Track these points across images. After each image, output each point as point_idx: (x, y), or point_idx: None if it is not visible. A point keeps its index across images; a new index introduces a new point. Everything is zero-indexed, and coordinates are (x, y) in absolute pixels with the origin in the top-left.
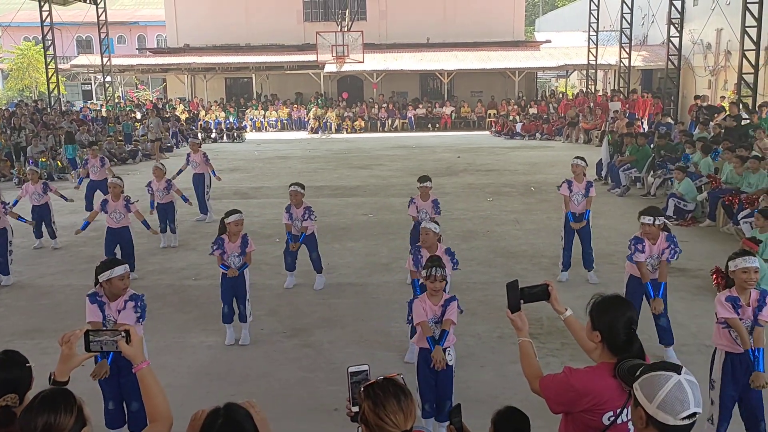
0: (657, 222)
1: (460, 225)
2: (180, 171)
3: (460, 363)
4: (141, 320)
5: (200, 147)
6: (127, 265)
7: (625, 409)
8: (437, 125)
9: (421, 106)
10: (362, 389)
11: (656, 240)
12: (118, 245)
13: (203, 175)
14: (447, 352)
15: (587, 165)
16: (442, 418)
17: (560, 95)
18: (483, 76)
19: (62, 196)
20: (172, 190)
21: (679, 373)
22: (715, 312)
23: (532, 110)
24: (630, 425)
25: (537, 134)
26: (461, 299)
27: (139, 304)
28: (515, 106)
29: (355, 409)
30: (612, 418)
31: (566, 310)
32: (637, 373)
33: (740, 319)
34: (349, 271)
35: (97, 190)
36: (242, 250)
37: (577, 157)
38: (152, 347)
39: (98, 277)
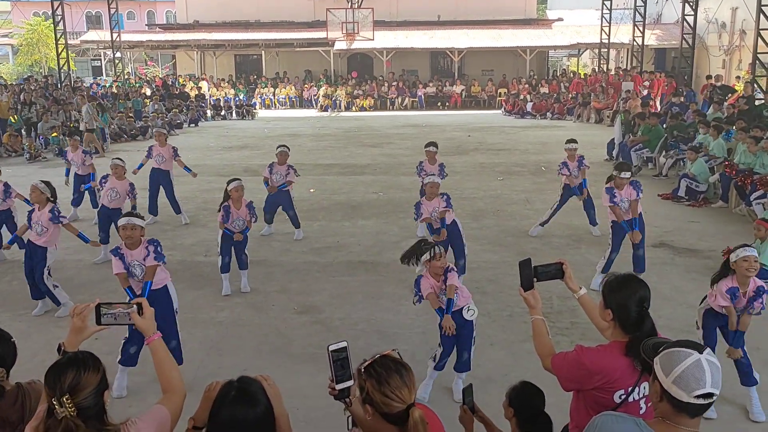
0: (623, 174)
1: (471, 204)
2: (140, 166)
3: None
4: (162, 260)
5: (167, 138)
6: (142, 218)
7: (637, 388)
8: (447, 104)
9: (431, 84)
10: (363, 370)
11: (623, 188)
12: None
13: (169, 172)
14: (468, 308)
15: (578, 146)
16: (460, 369)
17: (572, 74)
18: (494, 54)
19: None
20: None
21: (701, 353)
22: (714, 294)
23: (543, 89)
24: (642, 403)
25: (548, 113)
26: (471, 278)
27: (157, 248)
28: (526, 85)
29: (339, 386)
30: (623, 396)
31: (580, 288)
32: (660, 348)
33: (735, 307)
34: (359, 249)
35: (82, 186)
36: (246, 216)
37: (568, 141)
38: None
39: (117, 223)
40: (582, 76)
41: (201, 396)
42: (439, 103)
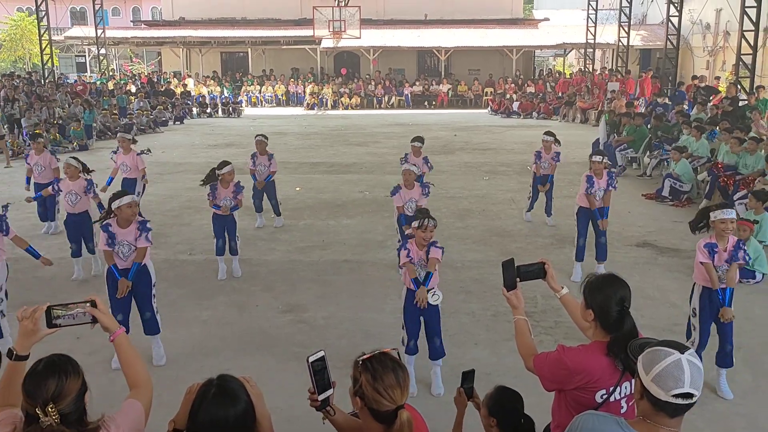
0: (605, 160)
1: (456, 203)
2: (111, 180)
3: (455, 340)
4: (151, 242)
5: (133, 144)
6: (133, 196)
7: (618, 387)
8: (434, 103)
9: (418, 83)
10: (360, 362)
11: (602, 176)
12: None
13: (136, 180)
14: (433, 292)
15: (555, 140)
16: (434, 356)
17: (558, 74)
18: (480, 53)
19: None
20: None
21: (683, 353)
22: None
23: (530, 89)
24: (623, 403)
25: (534, 113)
26: (456, 277)
27: (149, 230)
28: (512, 85)
29: (321, 396)
30: (605, 396)
31: (562, 288)
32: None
33: (715, 265)
34: (344, 248)
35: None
36: (234, 195)
37: (546, 133)
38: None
39: (111, 205)
40: (568, 76)
41: (183, 397)
42: (425, 102)
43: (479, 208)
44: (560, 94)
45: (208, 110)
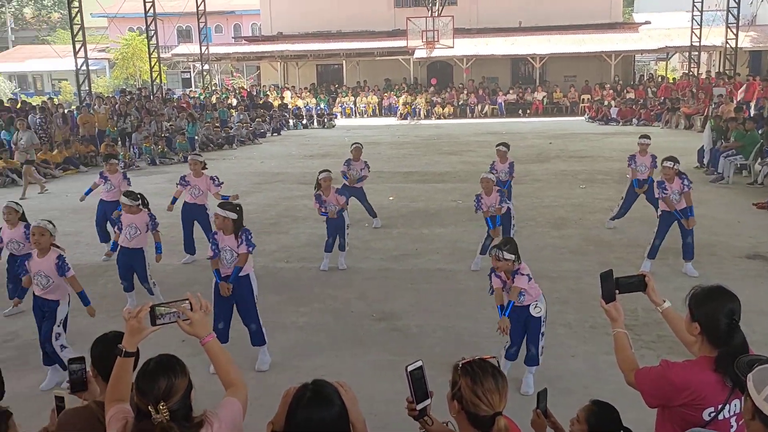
0: (675, 166)
1: (551, 212)
2: (175, 200)
3: (551, 352)
4: (253, 248)
5: (205, 168)
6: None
7: (727, 405)
8: (528, 111)
9: (511, 91)
10: (460, 366)
11: (673, 180)
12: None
13: (204, 207)
14: (535, 304)
15: (650, 142)
16: (528, 362)
17: (659, 79)
18: (577, 60)
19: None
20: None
21: None
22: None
23: (629, 95)
24: (732, 422)
25: (633, 120)
26: (552, 287)
27: (249, 237)
28: (611, 91)
29: (419, 406)
30: (713, 414)
31: (664, 301)
32: (755, 365)
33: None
34: (437, 257)
35: (105, 212)
36: (337, 201)
37: (642, 136)
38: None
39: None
40: (671, 81)
41: (280, 400)
42: (519, 110)
43: (576, 217)
44: (662, 100)
45: (304, 121)
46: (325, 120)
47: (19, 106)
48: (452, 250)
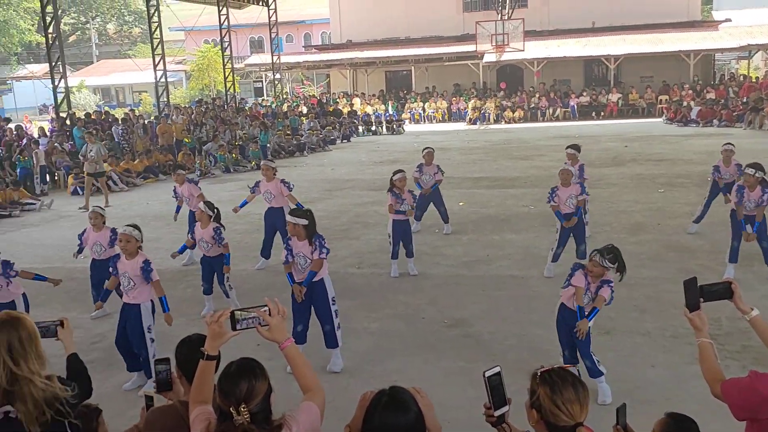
0: (757, 173)
1: (628, 217)
2: (244, 203)
3: (629, 361)
4: (327, 253)
5: (276, 173)
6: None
7: None
8: (602, 113)
9: (585, 93)
10: (538, 374)
11: (754, 189)
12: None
13: (282, 210)
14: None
15: (735, 148)
16: (593, 376)
17: (741, 78)
18: (654, 60)
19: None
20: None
21: None
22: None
23: (710, 95)
24: None
25: (714, 121)
26: (629, 295)
27: (323, 243)
28: (690, 91)
29: (498, 412)
30: None
31: (752, 309)
32: None
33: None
34: (509, 263)
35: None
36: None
37: (726, 143)
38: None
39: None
40: (754, 80)
41: (357, 404)
42: (593, 113)
43: (654, 222)
44: (744, 100)
45: (373, 128)
46: (394, 126)
47: (103, 117)
48: (524, 256)
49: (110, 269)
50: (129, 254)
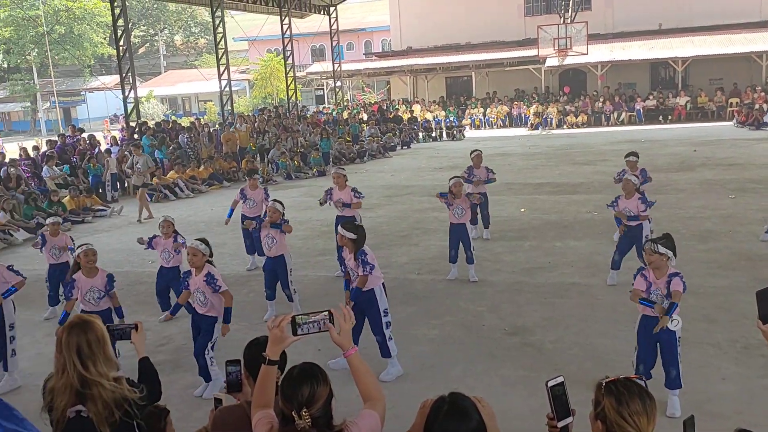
0: None
1: (697, 224)
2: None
3: (698, 373)
4: (369, 270)
5: (347, 180)
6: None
7: None
8: (670, 117)
9: (651, 97)
10: (604, 385)
11: None
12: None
13: (353, 218)
14: (672, 319)
15: None
16: (669, 385)
17: None
18: (723, 61)
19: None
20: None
21: None
22: None
23: None
24: None
25: None
26: (698, 304)
27: (365, 259)
28: (762, 93)
29: (561, 423)
30: None
31: None
32: None
33: None
34: (571, 270)
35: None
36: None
37: None
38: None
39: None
40: None
41: (417, 411)
42: (660, 117)
43: (725, 230)
44: None
45: (433, 134)
46: (455, 132)
47: (170, 126)
48: (587, 264)
49: (181, 285)
50: (197, 268)
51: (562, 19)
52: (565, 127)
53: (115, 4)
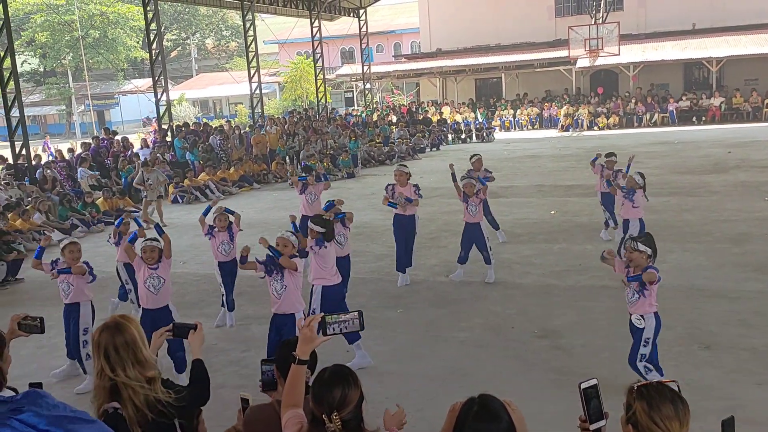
0: None
1: (732, 227)
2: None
3: (732, 378)
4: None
5: (409, 178)
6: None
7: None
8: (703, 118)
9: (684, 98)
10: (635, 388)
11: None
12: None
13: (414, 218)
14: (638, 317)
15: None
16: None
17: None
18: (759, 61)
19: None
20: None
21: None
22: None
23: None
24: None
25: None
26: (731, 309)
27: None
28: None
29: (593, 426)
30: None
31: None
32: None
33: None
34: (602, 273)
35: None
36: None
37: None
38: (407, 339)
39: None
40: None
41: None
42: (693, 118)
43: (760, 233)
44: None
45: (463, 136)
46: (484, 134)
47: (201, 128)
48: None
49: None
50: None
51: (594, 19)
52: (596, 128)
53: (148, 8)
